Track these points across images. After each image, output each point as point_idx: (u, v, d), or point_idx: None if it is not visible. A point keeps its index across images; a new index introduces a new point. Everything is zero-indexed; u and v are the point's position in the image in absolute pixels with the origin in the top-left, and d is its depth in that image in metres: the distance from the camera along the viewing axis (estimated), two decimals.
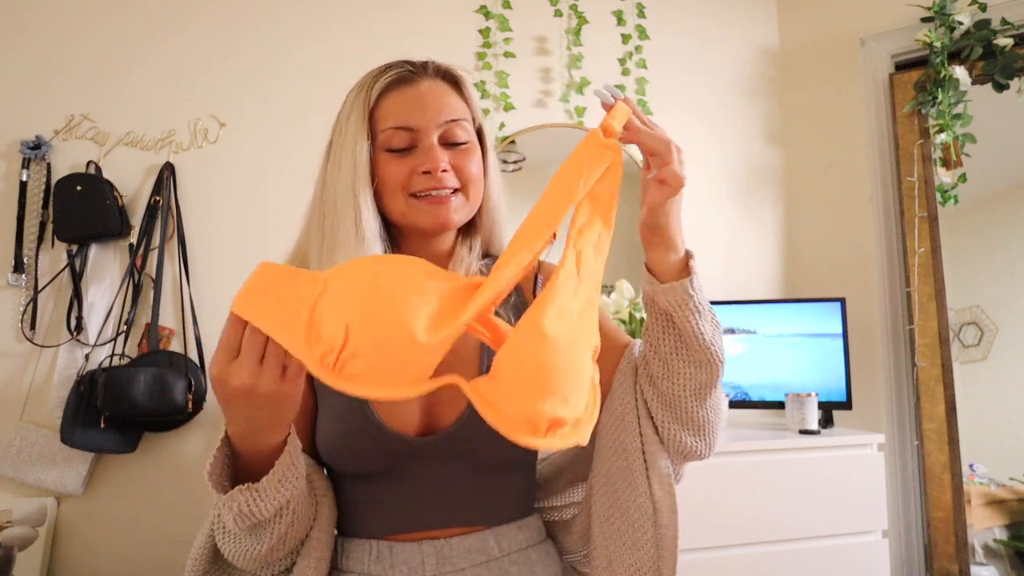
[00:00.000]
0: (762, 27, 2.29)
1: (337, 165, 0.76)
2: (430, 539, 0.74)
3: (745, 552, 1.52)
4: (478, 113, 0.82)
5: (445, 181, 0.76)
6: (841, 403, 1.79)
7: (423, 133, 0.75)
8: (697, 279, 0.71)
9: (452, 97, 0.78)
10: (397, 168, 0.76)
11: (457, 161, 0.77)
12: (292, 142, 1.80)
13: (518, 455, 0.79)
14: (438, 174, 0.75)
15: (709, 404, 0.75)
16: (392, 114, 0.76)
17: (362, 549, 0.76)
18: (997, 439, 2.29)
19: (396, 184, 0.76)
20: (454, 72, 0.80)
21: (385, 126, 0.76)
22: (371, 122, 0.76)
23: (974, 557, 1.90)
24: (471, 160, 0.78)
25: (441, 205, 0.76)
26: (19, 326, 1.58)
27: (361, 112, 0.76)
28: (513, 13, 2.01)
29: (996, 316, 2.39)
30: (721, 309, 1.93)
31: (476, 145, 0.80)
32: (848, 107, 2.14)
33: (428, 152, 0.75)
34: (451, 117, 0.77)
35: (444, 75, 0.79)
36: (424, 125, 0.75)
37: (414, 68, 0.78)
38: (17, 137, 1.62)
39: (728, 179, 2.20)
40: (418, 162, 0.75)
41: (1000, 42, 1.87)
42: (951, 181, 1.97)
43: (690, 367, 0.72)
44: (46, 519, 1.53)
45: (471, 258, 0.85)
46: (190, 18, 1.78)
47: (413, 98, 0.76)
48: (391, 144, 0.75)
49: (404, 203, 0.77)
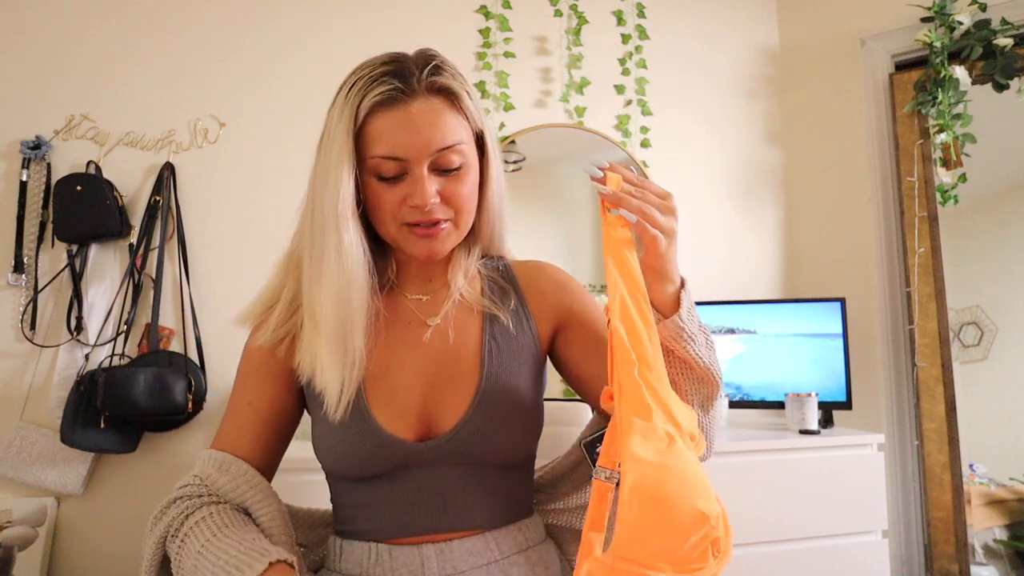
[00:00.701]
0: (762, 27, 2.29)
1: (324, 180, 0.73)
2: (430, 542, 0.74)
3: (745, 552, 1.52)
4: (477, 121, 0.77)
5: (434, 214, 0.74)
6: (841, 403, 1.79)
7: (412, 162, 0.72)
8: (687, 308, 0.71)
9: (446, 117, 0.73)
10: (387, 197, 0.74)
11: (448, 189, 0.74)
12: (292, 142, 1.80)
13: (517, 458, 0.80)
14: (427, 208, 0.73)
15: (712, 414, 0.76)
16: (380, 140, 0.72)
17: (360, 552, 0.76)
18: (997, 439, 2.29)
19: (387, 213, 0.75)
20: (449, 86, 0.74)
21: (373, 153, 0.72)
22: (358, 141, 0.73)
23: (974, 557, 1.90)
24: (463, 185, 0.75)
25: (431, 239, 0.75)
26: (19, 326, 1.58)
27: (346, 129, 0.72)
28: (513, 13, 2.01)
29: (996, 316, 2.38)
30: (721, 309, 1.93)
31: (472, 164, 0.77)
32: (848, 107, 2.14)
33: (417, 184, 0.72)
34: (443, 145, 0.72)
35: (438, 90, 0.73)
36: (414, 155, 0.72)
37: (404, 87, 0.71)
38: (17, 137, 1.62)
39: (728, 179, 2.20)
40: (407, 192, 0.73)
41: (1000, 42, 1.87)
42: (951, 181, 1.96)
43: (693, 383, 0.73)
44: (46, 519, 1.53)
45: (469, 262, 0.85)
46: (190, 18, 1.78)
47: (403, 123, 0.71)
48: (380, 172, 0.73)
49: (396, 231, 0.76)
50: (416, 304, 0.83)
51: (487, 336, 0.80)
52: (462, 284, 0.83)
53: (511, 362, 0.80)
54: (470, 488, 0.76)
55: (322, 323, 0.73)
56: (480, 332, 0.81)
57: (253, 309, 0.83)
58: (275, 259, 0.85)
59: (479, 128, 0.78)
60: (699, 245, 2.14)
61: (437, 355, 0.79)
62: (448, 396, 0.77)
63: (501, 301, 0.84)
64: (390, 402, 0.77)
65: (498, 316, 0.82)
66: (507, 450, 0.77)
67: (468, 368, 0.78)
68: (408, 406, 0.77)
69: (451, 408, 0.76)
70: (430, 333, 0.80)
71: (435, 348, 0.80)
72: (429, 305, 0.83)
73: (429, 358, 0.79)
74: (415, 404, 0.77)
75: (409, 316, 0.82)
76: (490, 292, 0.85)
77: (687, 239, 2.13)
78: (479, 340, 0.80)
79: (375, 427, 0.74)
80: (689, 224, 2.14)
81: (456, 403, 0.76)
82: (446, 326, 0.81)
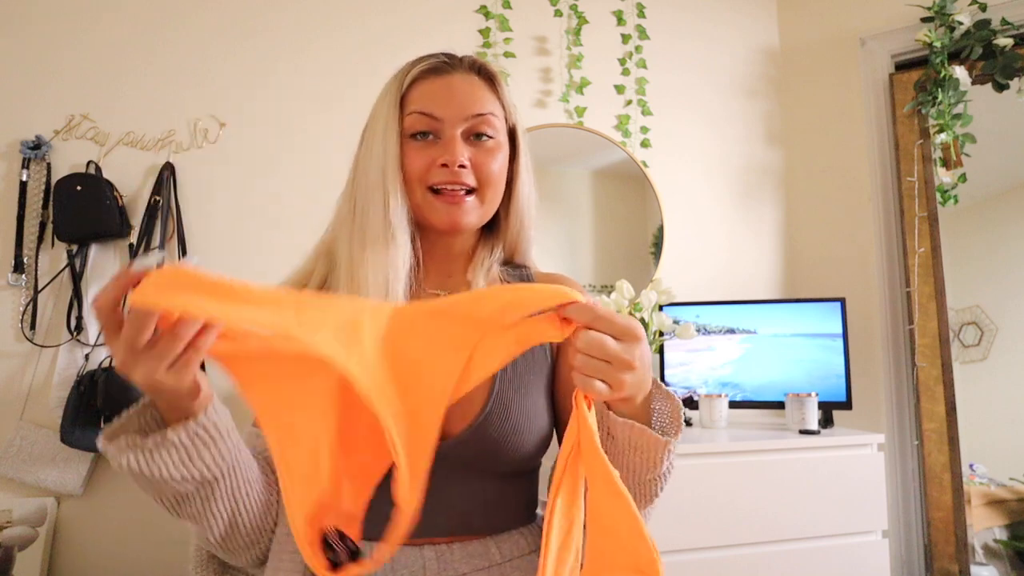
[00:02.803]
0: (762, 27, 2.29)
1: (369, 149, 0.77)
2: (430, 544, 0.73)
3: (745, 552, 1.52)
4: (512, 114, 0.81)
5: (461, 177, 0.75)
6: (841, 403, 1.79)
7: (447, 124, 0.75)
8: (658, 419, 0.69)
9: (484, 91, 0.78)
10: (416, 158, 0.75)
11: (478, 158, 0.76)
12: (292, 141, 1.80)
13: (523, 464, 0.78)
14: (455, 168, 0.74)
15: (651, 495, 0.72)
16: (419, 100, 0.76)
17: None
18: (997, 439, 2.29)
19: (414, 174, 0.75)
20: (489, 68, 0.80)
21: (410, 110, 0.76)
22: (402, 109, 0.77)
23: (974, 557, 1.90)
24: (493, 158, 0.77)
25: (455, 205, 0.76)
26: (19, 326, 1.58)
27: (394, 98, 0.77)
28: (513, 13, 2.01)
29: (996, 316, 2.38)
30: (721, 309, 1.93)
31: (503, 144, 0.79)
32: (848, 107, 2.14)
33: (448, 144, 0.75)
34: (479, 111, 0.76)
35: (479, 70, 0.79)
36: (449, 116, 0.75)
37: (449, 60, 0.78)
38: (17, 137, 1.62)
39: (728, 179, 2.20)
40: (437, 153, 0.75)
41: (1000, 42, 1.87)
42: (951, 181, 1.97)
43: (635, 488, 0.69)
44: (46, 519, 1.53)
45: (491, 261, 0.84)
46: (190, 18, 1.78)
47: (443, 87, 0.76)
48: (413, 128, 0.76)
49: (421, 196, 0.76)
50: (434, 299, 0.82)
51: None
52: (481, 280, 0.81)
53: (525, 371, 0.78)
54: (475, 494, 0.75)
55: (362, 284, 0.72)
56: None
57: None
58: (275, 258, 0.85)
59: (513, 121, 0.82)
60: (699, 245, 2.14)
61: None
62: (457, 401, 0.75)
63: None
64: None
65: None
66: (513, 460, 0.76)
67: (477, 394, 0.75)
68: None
69: (459, 413, 0.74)
70: None
71: None
72: None
73: None
74: None
75: None
76: None
77: (688, 239, 2.13)
78: None
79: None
80: (689, 224, 2.14)
81: (465, 409, 0.74)
82: None
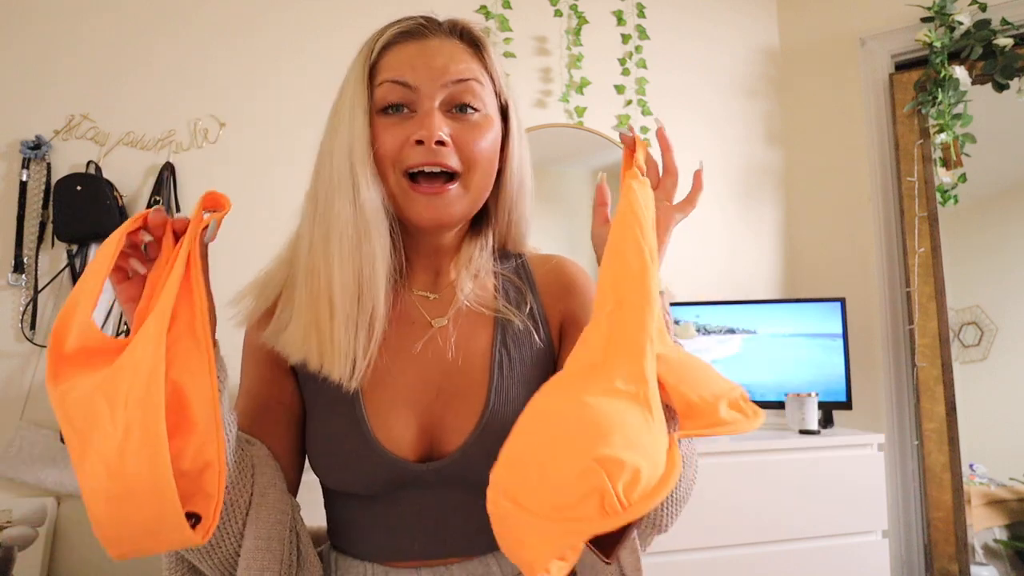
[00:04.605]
0: (762, 27, 2.29)
1: (334, 129, 0.66)
2: (428, 567, 0.69)
3: (745, 552, 1.52)
4: (502, 83, 0.69)
5: (441, 157, 0.62)
6: (841, 403, 1.79)
7: (422, 93, 0.63)
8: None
9: (466, 57, 0.66)
10: (389, 135, 0.63)
11: (462, 134, 0.64)
12: (292, 141, 1.80)
13: None
14: (432, 145, 0.62)
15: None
16: (390, 68, 0.64)
17: (356, 571, 0.71)
18: (997, 439, 2.29)
19: (387, 155, 0.64)
20: (475, 31, 0.67)
21: (381, 79, 0.64)
22: (371, 80, 0.65)
23: (974, 557, 1.90)
24: (480, 135, 0.65)
25: (437, 197, 0.64)
26: (19, 326, 1.58)
27: (361, 68, 0.65)
28: (513, 13, 2.01)
29: (996, 316, 2.39)
30: (721, 309, 1.93)
31: (492, 120, 0.67)
32: (848, 107, 2.14)
33: (424, 118, 0.62)
34: (459, 77, 0.64)
35: (462, 34, 0.67)
36: (424, 83, 0.63)
37: (427, 22, 0.66)
38: (17, 137, 1.62)
39: (728, 179, 2.20)
40: (412, 129, 0.63)
41: (1000, 42, 1.87)
42: (951, 181, 1.97)
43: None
44: (46, 519, 1.53)
45: (483, 257, 0.74)
46: (190, 18, 1.78)
47: (418, 51, 0.64)
48: (385, 101, 0.64)
49: (396, 182, 0.64)
50: (423, 302, 0.73)
51: (497, 345, 0.71)
52: (468, 283, 0.72)
53: (523, 375, 0.71)
54: (472, 515, 0.68)
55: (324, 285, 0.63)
56: (490, 340, 0.71)
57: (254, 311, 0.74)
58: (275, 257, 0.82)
59: (504, 95, 0.70)
60: (699, 245, 2.13)
61: (443, 364, 0.70)
62: (453, 412, 0.69)
63: (516, 304, 0.74)
64: (390, 416, 0.68)
65: (511, 321, 0.72)
66: None
67: (475, 382, 0.70)
68: (410, 422, 0.69)
69: (455, 426, 0.68)
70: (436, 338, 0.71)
71: (441, 356, 0.70)
72: (437, 304, 0.73)
73: (434, 367, 0.70)
74: (417, 420, 0.69)
75: (415, 315, 0.72)
76: (504, 293, 0.75)
77: (688, 239, 2.13)
78: (488, 350, 0.71)
79: (375, 444, 0.67)
80: (689, 224, 2.13)
81: (461, 421, 0.68)
82: (453, 331, 0.71)
